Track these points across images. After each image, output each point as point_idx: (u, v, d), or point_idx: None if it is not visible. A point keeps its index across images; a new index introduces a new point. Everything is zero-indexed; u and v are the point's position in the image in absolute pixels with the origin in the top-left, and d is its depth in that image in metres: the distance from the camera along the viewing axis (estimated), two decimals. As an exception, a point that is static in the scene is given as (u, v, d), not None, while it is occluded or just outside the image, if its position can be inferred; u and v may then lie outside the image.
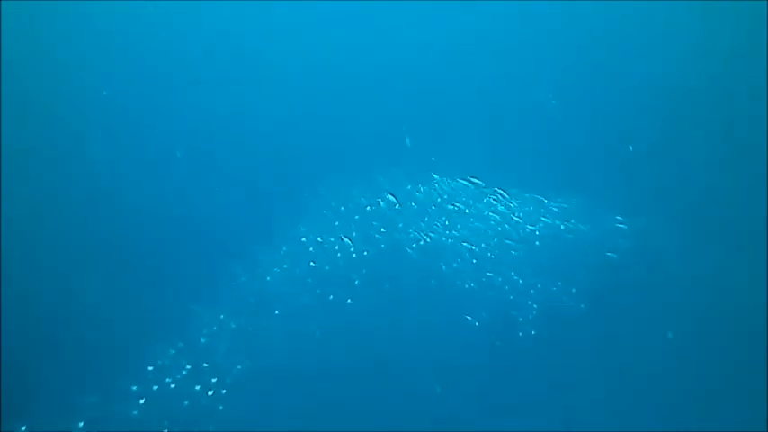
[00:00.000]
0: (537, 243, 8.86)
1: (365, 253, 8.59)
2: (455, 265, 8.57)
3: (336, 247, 8.62)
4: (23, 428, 6.22)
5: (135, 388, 6.82)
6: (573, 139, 10.34)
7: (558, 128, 10.52)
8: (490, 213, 9.19)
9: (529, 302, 8.20)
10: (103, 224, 8.86)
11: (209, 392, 6.85)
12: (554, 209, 9.27)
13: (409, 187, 9.48)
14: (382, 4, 11.56)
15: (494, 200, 9.31)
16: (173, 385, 6.85)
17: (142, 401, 6.64)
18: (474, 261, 8.60)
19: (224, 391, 6.96)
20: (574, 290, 8.30)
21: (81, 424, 6.33)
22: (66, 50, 10.87)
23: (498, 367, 7.67)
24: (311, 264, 8.39)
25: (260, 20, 11.64)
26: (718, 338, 7.84)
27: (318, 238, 8.73)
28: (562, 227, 9.04)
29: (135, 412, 6.61)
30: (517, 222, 9.07)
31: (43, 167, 9.37)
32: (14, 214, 8.62)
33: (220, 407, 6.83)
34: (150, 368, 7.01)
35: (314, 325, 7.77)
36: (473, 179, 9.46)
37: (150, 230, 8.79)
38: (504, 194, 9.31)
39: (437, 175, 9.61)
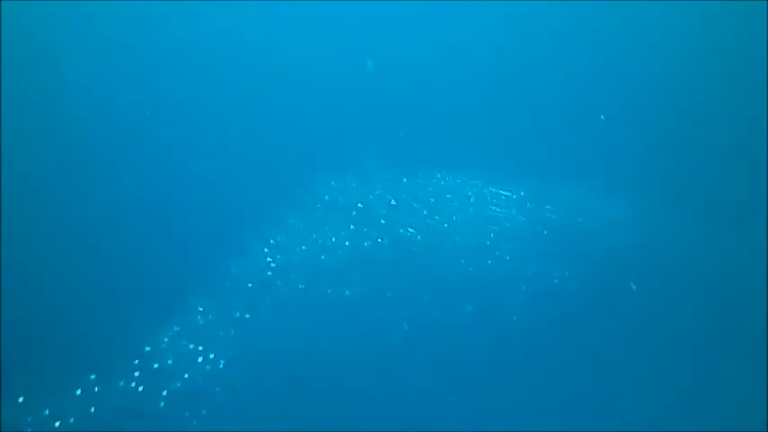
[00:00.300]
0: (539, 231, 8.88)
1: (365, 244, 8.62)
2: (455, 254, 8.56)
3: (333, 239, 8.64)
4: (20, 400, 6.38)
5: (132, 366, 6.97)
6: (576, 133, 10.40)
7: (561, 121, 10.60)
8: (491, 203, 9.22)
9: (529, 290, 8.21)
10: (103, 213, 9.02)
11: (207, 367, 6.99)
12: (556, 197, 9.35)
13: (405, 180, 9.51)
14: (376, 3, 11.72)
15: (494, 189, 9.34)
16: (170, 361, 7.02)
17: (137, 374, 6.80)
18: (473, 249, 8.59)
19: (221, 365, 7.07)
20: (567, 273, 8.33)
21: (78, 392, 6.52)
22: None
23: (493, 355, 7.63)
24: (302, 250, 8.40)
25: (253, 15, 11.79)
26: (718, 337, 7.79)
27: (313, 234, 8.75)
28: (564, 215, 9.06)
29: (132, 385, 6.76)
30: (517, 211, 9.14)
31: (44, 161, 9.48)
32: (16, 199, 8.80)
33: (217, 389, 6.89)
34: (148, 348, 7.17)
35: (308, 314, 7.77)
36: (474, 170, 9.50)
37: (148, 221, 8.93)
38: (505, 185, 9.35)
39: (435, 167, 9.66)
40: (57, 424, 6.28)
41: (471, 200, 9.37)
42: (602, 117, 10.52)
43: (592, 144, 10.26)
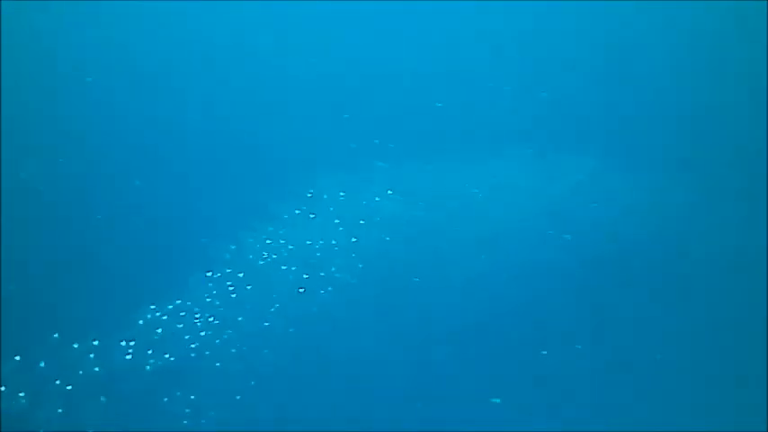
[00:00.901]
0: (543, 218, 8.95)
1: (367, 237, 8.61)
2: (459, 245, 8.56)
3: (335, 231, 8.64)
4: (17, 359, 6.42)
5: (130, 334, 7.01)
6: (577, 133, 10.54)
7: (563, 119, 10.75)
8: (492, 189, 9.32)
9: (533, 276, 8.22)
10: (110, 197, 9.16)
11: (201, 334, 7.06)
12: (559, 183, 9.52)
13: (400, 175, 9.60)
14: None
15: (495, 176, 9.51)
16: (159, 329, 7.08)
17: (132, 343, 6.86)
18: (476, 239, 8.63)
19: (217, 342, 7.10)
20: (573, 258, 8.38)
21: (75, 345, 6.56)
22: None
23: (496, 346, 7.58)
24: (307, 243, 8.39)
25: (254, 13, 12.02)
26: (718, 336, 7.74)
27: (315, 229, 8.72)
28: (568, 200, 9.22)
29: (128, 357, 6.79)
30: (519, 197, 9.26)
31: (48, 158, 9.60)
32: (17, 178, 8.94)
33: (217, 363, 6.91)
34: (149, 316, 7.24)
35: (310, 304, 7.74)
36: (476, 155, 9.63)
37: (149, 209, 8.98)
38: (505, 173, 9.53)
39: (435, 155, 9.82)
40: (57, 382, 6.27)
41: (475, 189, 9.43)
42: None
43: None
